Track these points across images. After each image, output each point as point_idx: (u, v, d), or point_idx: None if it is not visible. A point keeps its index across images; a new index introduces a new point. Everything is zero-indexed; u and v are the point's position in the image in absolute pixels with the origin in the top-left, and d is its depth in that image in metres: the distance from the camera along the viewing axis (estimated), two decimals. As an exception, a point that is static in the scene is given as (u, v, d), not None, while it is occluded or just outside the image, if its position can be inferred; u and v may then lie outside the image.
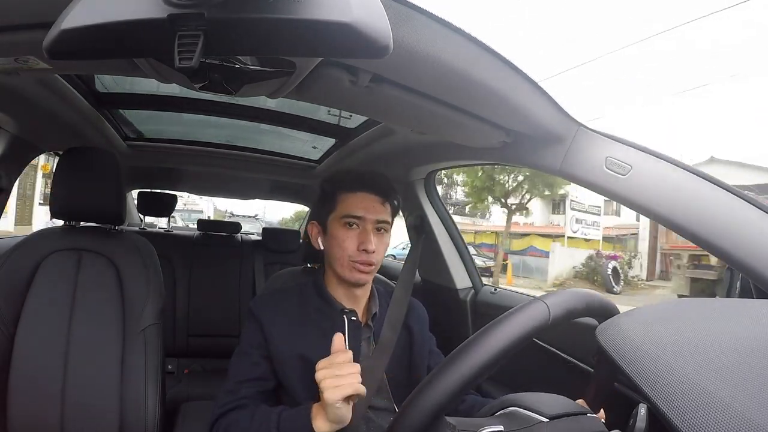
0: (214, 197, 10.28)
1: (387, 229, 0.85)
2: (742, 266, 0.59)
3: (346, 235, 0.81)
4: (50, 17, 0.34)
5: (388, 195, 0.84)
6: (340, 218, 0.82)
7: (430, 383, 0.44)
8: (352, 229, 0.81)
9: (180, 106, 1.39)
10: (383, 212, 0.83)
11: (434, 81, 0.66)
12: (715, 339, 0.36)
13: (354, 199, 0.82)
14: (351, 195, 0.83)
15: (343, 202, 0.83)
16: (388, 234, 0.86)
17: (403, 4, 0.51)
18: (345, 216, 0.81)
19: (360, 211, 0.81)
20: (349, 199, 0.82)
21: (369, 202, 0.82)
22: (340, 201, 0.83)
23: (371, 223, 0.81)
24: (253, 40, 0.34)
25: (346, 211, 0.82)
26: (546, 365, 1.07)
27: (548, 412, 0.48)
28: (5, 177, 1.21)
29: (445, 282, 1.50)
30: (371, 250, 0.80)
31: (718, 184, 0.65)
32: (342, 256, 0.81)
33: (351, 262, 0.81)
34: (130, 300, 0.97)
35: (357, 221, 0.81)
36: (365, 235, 0.80)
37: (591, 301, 0.51)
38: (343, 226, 0.82)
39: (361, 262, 0.80)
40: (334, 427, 0.66)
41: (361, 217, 0.81)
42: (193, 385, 1.81)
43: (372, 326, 0.87)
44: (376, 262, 0.82)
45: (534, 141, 0.84)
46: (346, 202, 0.82)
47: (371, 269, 0.82)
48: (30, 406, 0.88)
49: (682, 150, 19.24)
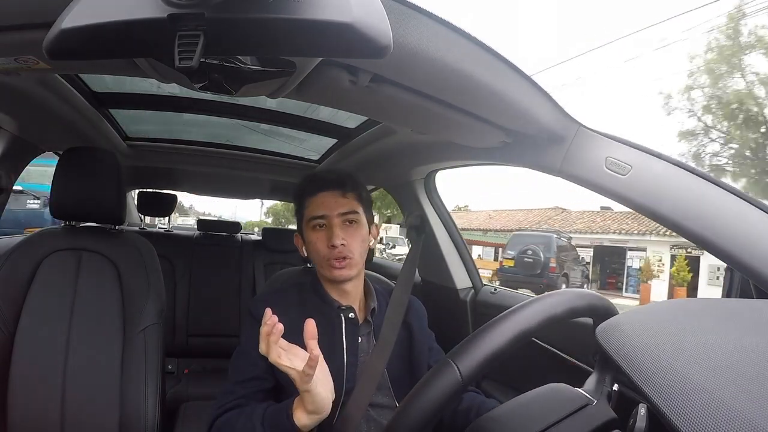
0: (213, 197, 10.28)
1: (357, 219, 0.85)
2: (742, 266, 0.59)
3: (316, 237, 0.84)
4: (50, 17, 0.34)
5: (346, 186, 0.86)
6: (308, 223, 0.85)
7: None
8: (320, 230, 0.84)
9: (180, 106, 1.39)
10: (346, 204, 0.85)
11: (434, 81, 0.66)
12: (714, 339, 0.36)
13: (316, 201, 0.85)
14: (313, 198, 0.86)
15: (308, 207, 0.86)
16: (361, 224, 0.86)
17: (403, 4, 0.51)
18: (311, 219, 0.85)
19: (321, 210, 0.84)
20: (312, 202, 0.86)
21: (329, 198, 0.85)
22: (306, 207, 0.87)
23: (335, 217, 0.83)
24: (253, 40, 0.34)
25: (311, 214, 0.85)
26: (546, 365, 1.07)
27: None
28: (5, 177, 1.21)
29: (445, 282, 1.50)
30: (337, 244, 0.81)
31: (719, 184, 0.65)
32: (318, 258, 0.84)
33: (326, 261, 0.82)
34: (130, 300, 0.97)
35: (322, 220, 0.84)
36: (331, 231, 0.82)
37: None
38: (313, 230, 0.85)
39: (333, 258, 0.82)
40: (314, 418, 0.66)
41: (323, 215, 0.84)
42: (193, 385, 1.81)
43: (372, 322, 0.87)
44: (350, 255, 0.82)
45: (534, 141, 0.84)
46: (310, 207, 0.86)
47: (346, 263, 0.82)
48: (30, 406, 0.88)
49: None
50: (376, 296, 0.90)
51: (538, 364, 1.04)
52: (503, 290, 1.44)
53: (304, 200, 0.87)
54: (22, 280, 0.92)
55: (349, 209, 0.85)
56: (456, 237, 1.52)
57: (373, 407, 0.82)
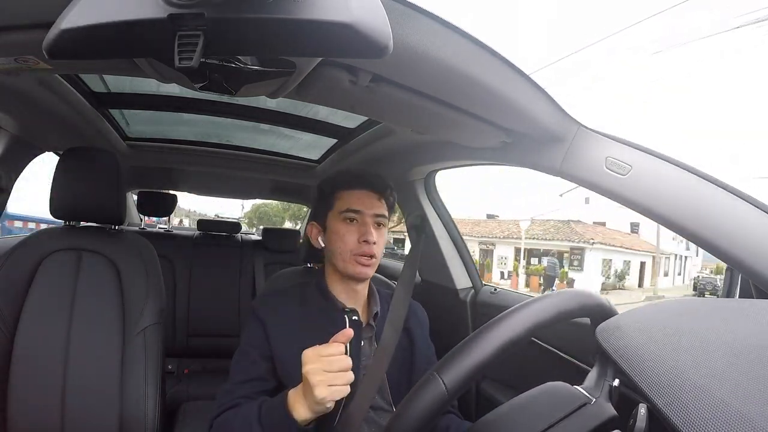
0: (213, 197, 10.30)
1: (384, 223, 0.87)
2: (742, 266, 0.59)
3: (347, 230, 0.83)
4: (50, 17, 0.34)
5: (384, 191, 0.87)
6: (339, 214, 0.85)
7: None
8: (352, 224, 0.84)
9: (180, 106, 1.39)
10: (380, 207, 0.86)
11: (434, 81, 0.66)
12: (714, 339, 0.36)
13: (352, 196, 0.85)
14: (349, 192, 0.85)
15: (341, 199, 0.85)
16: (386, 229, 0.88)
17: (403, 4, 0.51)
18: (345, 211, 0.84)
19: (359, 205, 0.84)
20: (347, 196, 0.85)
21: (366, 197, 0.85)
22: (338, 198, 0.86)
23: (370, 217, 0.84)
24: (253, 40, 0.34)
25: (346, 207, 0.84)
26: (546, 365, 1.07)
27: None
28: (5, 177, 1.21)
29: (445, 282, 1.50)
30: (372, 242, 0.82)
31: (719, 183, 0.65)
32: (344, 250, 0.83)
33: (353, 255, 0.82)
34: (129, 300, 0.97)
35: (356, 215, 0.84)
36: (365, 228, 0.83)
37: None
38: (343, 221, 0.84)
39: (362, 254, 0.82)
40: (316, 409, 0.65)
41: (360, 211, 0.84)
42: (193, 385, 1.81)
43: (374, 326, 0.87)
44: (377, 255, 0.84)
45: (534, 141, 0.84)
46: (344, 199, 0.85)
47: (372, 262, 0.83)
48: (30, 406, 0.88)
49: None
50: (379, 300, 0.90)
51: (538, 364, 1.04)
52: (503, 290, 1.44)
53: (338, 191, 0.87)
54: (22, 280, 0.92)
55: (382, 212, 0.86)
56: (456, 237, 1.52)
57: (374, 410, 0.82)
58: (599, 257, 18.65)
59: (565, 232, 18.87)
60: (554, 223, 20.11)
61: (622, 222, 22.79)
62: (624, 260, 20.17)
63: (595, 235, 18.86)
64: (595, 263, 18.31)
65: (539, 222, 20.46)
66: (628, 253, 20.24)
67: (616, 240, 19.98)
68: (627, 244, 20.61)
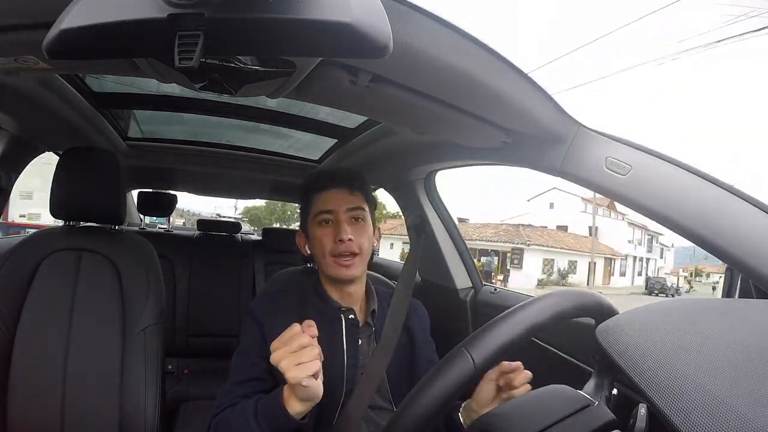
0: (213, 197, 10.31)
1: (363, 216, 0.86)
2: (742, 266, 0.59)
3: (323, 233, 0.83)
4: (50, 17, 0.34)
5: (353, 184, 0.86)
6: (314, 219, 0.85)
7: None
8: (327, 226, 0.84)
9: (180, 106, 1.39)
10: (353, 201, 0.85)
11: (434, 81, 0.66)
12: (714, 339, 0.36)
13: (322, 197, 0.85)
14: (319, 194, 0.86)
15: (315, 203, 0.86)
16: (367, 222, 0.86)
17: (403, 4, 0.51)
18: (318, 215, 0.84)
19: (330, 205, 0.84)
20: (318, 199, 0.85)
21: (337, 195, 0.85)
22: (313, 203, 0.86)
23: (343, 213, 0.83)
24: (253, 39, 0.34)
25: (318, 209, 0.84)
26: (546, 365, 1.06)
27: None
28: (5, 177, 1.21)
29: (445, 282, 1.50)
30: (346, 238, 0.81)
31: (719, 184, 0.65)
32: (323, 253, 0.83)
33: (332, 257, 0.82)
34: (129, 300, 0.97)
35: (330, 216, 0.84)
36: (339, 226, 0.82)
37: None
38: (319, 225, 0.84)
39: (340, 254, 0.81)
40: (307, 405, 0.66)
41: (331, 210, 0.84)
42: (193, 385, 1.81)
43: (372, 324, 0.87)
44: (358, 250, 0.82)
45: (534, 141, 0.84)
46: (316, 203, 0.85)
47: (354, 260, 0.82)
48: (30, 406, 0.88)
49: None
50: (377, 298, 0.90)
51: (539, 365, 1.04)
52: (503, 290, 1.44)
53: (311, 197, 0.86)
54: (22, 280, 0.92)
55: (357, 205, 0.85)
56: (456, 237, 1.52)
57: (373, 409, 0.82)
58: (539, 257, 21.70)
59: (512, 235, 21.72)
60: (505, 227, 23.23)
61: (582, 227, 24.64)
62: (569, 260, 23.10)
63: (539, 238, 21.96)
64: (534, 262, 21.52)
65: (493, 225, 23.44)
66: (574, 254, 23.21)
67: (565, 242, 23.14)
68: (575, 246, 23.29)
